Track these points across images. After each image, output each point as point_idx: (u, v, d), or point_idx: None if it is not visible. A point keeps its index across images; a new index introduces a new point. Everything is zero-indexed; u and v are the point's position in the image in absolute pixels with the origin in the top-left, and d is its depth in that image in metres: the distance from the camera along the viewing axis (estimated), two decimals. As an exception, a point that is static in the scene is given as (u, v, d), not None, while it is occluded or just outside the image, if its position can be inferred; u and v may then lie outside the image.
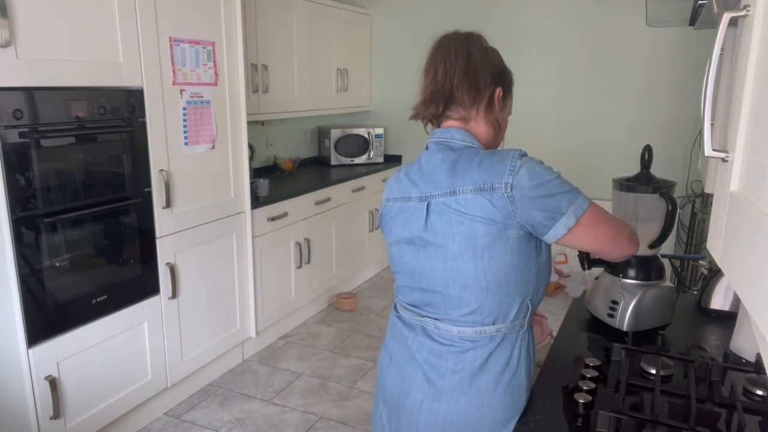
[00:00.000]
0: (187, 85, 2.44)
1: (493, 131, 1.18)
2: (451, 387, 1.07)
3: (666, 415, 1.05)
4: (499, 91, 1.16)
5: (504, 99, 1.19)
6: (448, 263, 1.05)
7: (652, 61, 3.63)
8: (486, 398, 1.06)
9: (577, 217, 1.00)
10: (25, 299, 1.87)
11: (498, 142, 1.23)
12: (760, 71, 0.53)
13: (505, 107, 1.21)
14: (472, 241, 1.02)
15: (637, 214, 1.39)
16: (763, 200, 0.47)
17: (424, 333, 1.11)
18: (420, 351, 1.11)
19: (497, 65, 1.17)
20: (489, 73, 1.14)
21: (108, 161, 2.13)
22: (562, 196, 1.00)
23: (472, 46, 1.14)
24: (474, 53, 1.13)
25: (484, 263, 1.02)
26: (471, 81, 1.12)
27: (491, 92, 1.15)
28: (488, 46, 1.17)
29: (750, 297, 0.47)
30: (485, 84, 1.14)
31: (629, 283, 1.42)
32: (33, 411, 1.94)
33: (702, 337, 1.43)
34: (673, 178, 1.42)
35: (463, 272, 1.04)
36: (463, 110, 1.14)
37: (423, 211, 1.07)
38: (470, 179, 1.03)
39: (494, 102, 1.16)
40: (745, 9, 0.58)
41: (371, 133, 4.24)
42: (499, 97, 1.17)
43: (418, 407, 1.10)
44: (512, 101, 1.24)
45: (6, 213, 1.78)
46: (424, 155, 1.16)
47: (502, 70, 1.18)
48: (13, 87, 1.77)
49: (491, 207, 1.00)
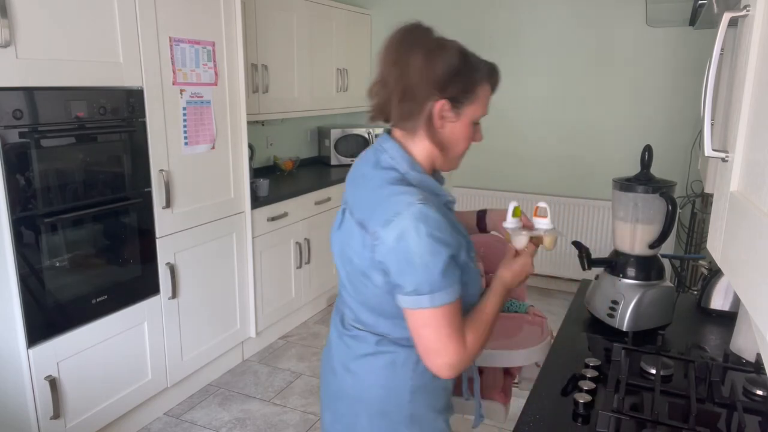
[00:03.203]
0: (187, 85, 2.44)
1: (436, 151, 1.04)
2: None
3: (666, 415, 1.05)
4: (440, 105, 0.99)
5: (457, 111, 1.01)
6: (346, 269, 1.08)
7: (652, 61, 3.63)
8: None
9: (410, 306, 0.96)
10: (25, 299, 1.87)
11: (448, 165, 1.08)
12: (760, 71, 0.53)
13: (458, 122, 1.02)
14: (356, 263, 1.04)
15: (637, 214, 1.39)
16: (763, 200, 0.47)
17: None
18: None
19: (441, 73, 0.97)
20: (427, 83, 0.97)
21: (108, 161, 2.13)
22: (412, 277, 0.93)
23: (413, 50, 0.98)
24: (413, 59, 0.97)
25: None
26: (404, 93, 0.98)
27: (431, 107, 0.99)
28: (438, 46, 0.99)
29: (750, 297, 0.47)
30: (423, 97, 0.98)
31: (629, 283, 1.42)
32: (33, 411, 1.94)
33: (702, 337, 1.43)
34: (673, 178, 1.42)
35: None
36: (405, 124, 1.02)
37: (341, 215, 1.10)
38: (362, 208, 1.01)
39: (433, 118, 1.00)
40: (745, 9, 0.58)
41: (371, 133, 4.23)
42: (441, 113, 1.00)
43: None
44: (481, 112, 1.05)
45: (6, 213, 1.78)
46: (359, 159, 1.13)
47: (447, 79, 0.98)
48: (13, 87, 1.77)
49: (361, 243, 0.99)
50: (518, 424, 1.05)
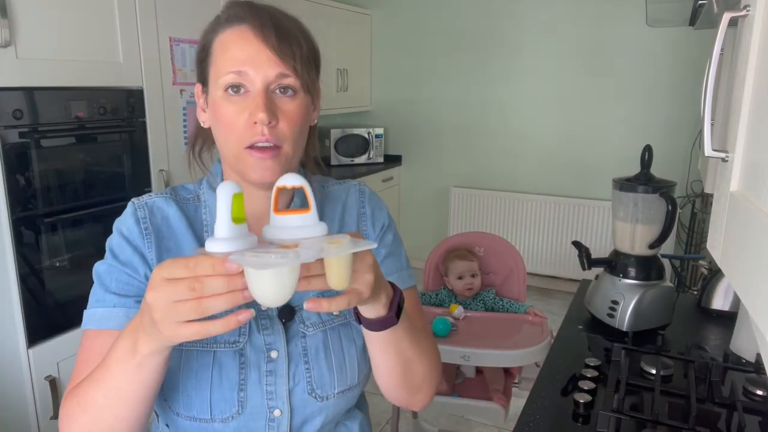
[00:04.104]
0: (187, 85, 2.44)
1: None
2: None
3: (666, 415, 1.05)
4: (198, 88, 0.81)
5: (209, 100, 0.77)
6: None
7: (652, 61, 3.63)
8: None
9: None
10: (25, 299, 1.86)
11: (230, 166, 0.79)
12: (760, 71, 0.53)
13: (215, 112, 0.75)
14: None
15: (637, 214, 1.39)
16: (763, 200, 0.47)
17: None
18: None
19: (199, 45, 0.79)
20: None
21: (108, 161, 2.13)
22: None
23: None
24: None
25: None
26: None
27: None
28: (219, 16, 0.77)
29: (750, 297, 0.47)
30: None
31: (629, 283, 1.42)
32: (33, 411, 1.94)
33: (702, 337, 1.43)
34: (673, 178, 1.42)
35: None
36: None
37: None
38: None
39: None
40: (745, 9, 0.58)
41: (371, 133, 4.23)
42: (199, 97, 0.81)
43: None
44: (225, 106, 0.73)
45: (6, 213, 1.78)
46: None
47: (198, 53, 0.79)
48: (13, 87, 1.77)
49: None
50: (518, 424, 1.05)
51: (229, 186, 0.57)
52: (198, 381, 0.77)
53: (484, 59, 4.04)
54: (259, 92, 0.72)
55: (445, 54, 4.15)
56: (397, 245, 0.92)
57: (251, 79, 0.72)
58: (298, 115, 0.75)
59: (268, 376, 0.78)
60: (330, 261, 0.58)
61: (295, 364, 0.80)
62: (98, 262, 0.82)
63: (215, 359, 0.77)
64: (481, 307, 2.17)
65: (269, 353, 0.79)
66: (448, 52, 4.14)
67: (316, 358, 0.81)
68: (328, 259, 0.58)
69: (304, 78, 0.74)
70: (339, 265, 0.58)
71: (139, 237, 0.80)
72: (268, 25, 0.73)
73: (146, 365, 0.63)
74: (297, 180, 0.61)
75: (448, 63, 4.16)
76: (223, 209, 0.56)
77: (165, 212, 0.82)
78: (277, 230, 0.60)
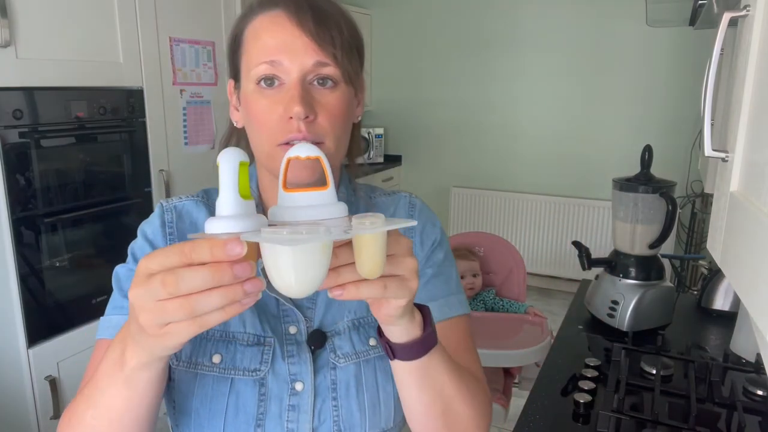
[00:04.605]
0: (187, 85, 2.44)
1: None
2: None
3: (666, 415, 1.05)
4: (230, 85, 0.74)
5: (241, 95, 0.70)
6: None
7: (652, 61, 3.63)
8: None
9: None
10: (25, 299, 1.86)
11: (264, 167, 0.72)
12: (760, 71, 0.53)
13: (247, 108, 0.68)
14: None
15: (637, 214, 1.39)
16: (763, 200, 0.47)
17: None
18: None
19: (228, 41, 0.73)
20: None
21: (108, 161, 2.13)
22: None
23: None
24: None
25: None
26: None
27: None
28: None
29: (750, 297, 0.47)
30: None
31: (629, 283, 1.42)
32: (33, 411, 1.94)
33: (702, 337, 1.43)
34: (673, 178, 1.42)
35: None
36: None
37: None
38: None
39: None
40: (745, 9, 0.58)
41: (371, 133, 4.23)
42: (231, 94, 0.74)
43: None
44: (257, 100, 0.66)
45: (6, 213, 1.78)
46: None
47: (229, 45, 0.73)
48: (13, 87, 1.77)
49: None
50: (518, 424, 1.05)
51: (234, 153, 0.46)
52: (212, 410, 0.69)
53: (484, 59, 4.04)
54: (295, 83, 0.64)
55: (445, 54, 4.15)
56: (447, 266, 0.80)
57: (286, 69, 0.64)
58: (339, 109, 0.66)
59: (290, 411, 0.69)
60: (362, 243, 0.47)
61: (322, 400, 0.70)
62: (119, 265, 0.75)
63: (232, 387, 0.69)
64: (481, 307, 2.17)
65: (294, 385, 0.70)
66: (448, 52, 4.14)
67: (346, 394, 0.71)
68: (360, 240, 0.46)
69: (345, 67, 0.66)
70: (375, 245, 0.47)
71: (163, 241, 0.74)
72: (304, 9, 0.65)
73: (135, 380, 0.54)
74: (312, 150, 0.51)
75: (448, 63, 4.16)
76: (228, 181, 0.45)
77: (194, 217, 0.75)
78: (287, 210, 0.49)
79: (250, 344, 0.70)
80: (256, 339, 0.70)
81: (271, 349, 0.70)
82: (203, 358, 0.69)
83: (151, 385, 0.56)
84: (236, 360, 0.68)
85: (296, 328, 0.71)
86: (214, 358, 0.69)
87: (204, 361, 0.69)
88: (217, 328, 0.69)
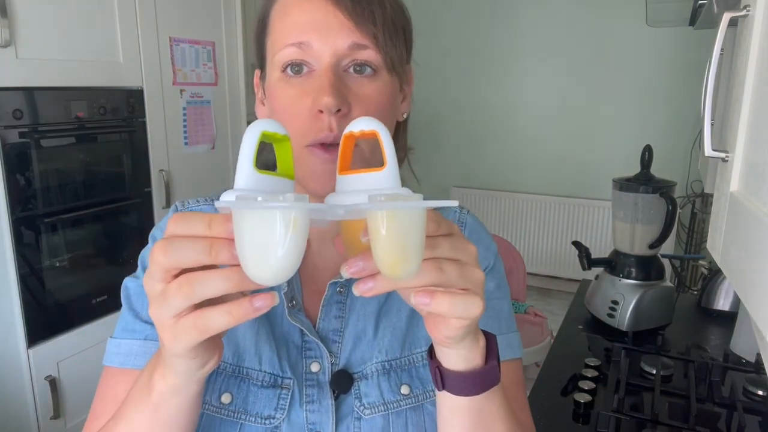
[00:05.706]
0: (187, 85, 2.44)
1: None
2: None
3: (666, 415, 1.05)
4: (256, 75, 0.65)
5: (266, 87, 0.60)
6: None
7: (652, 61, 3.63)
8: None
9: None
10: (25, 299, 1.86)
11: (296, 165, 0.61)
12: (760, 71, 0.53)
13: (272, 100, 0.58)
14: None
15: (637, 214, 1.39)
16: (763, 200, 0.47)
17: None
18: None
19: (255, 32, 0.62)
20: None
21: (108, 161, 2.13)
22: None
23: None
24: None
25: None
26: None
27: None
28: None
29: (750, 297, 0.47)
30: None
31: (629, 283, 1.42)
32: (33, 411, 1.94)
33: (702, 337, 1.43)
34: (673, 178, 1.42)
35: None
36: None
37: None
38: None
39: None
40: (745, 9, 0.58)
41: (371, 133, 4.23)
42: (258, 86, 0.64)
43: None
44: (283, 89, 0.56)
45: (6, 213, 1.78)
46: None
47: (256, 28, 0.62)
48: (13, 87, 1.77)
49: None
50: (518, 424, 1.05)
51: (258, 124, 0.40)
52: None
53: (484, 59, 4.04)
54: (326, 69, 0.53)
55: (445, 54, 4.15)
56: (500, 298, 0.67)
57: (316, 54, 0.53)
58: (379, 102, 0.55)
59: None
60: (376, 221, 0.35)
61: None
62: (128, 278, 0.64)
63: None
64: (481, 307, 2.17)
65: None
66: (448, 52, 4.14)
67: None
68: (375, 218, 0.35)
69: (387, 50, 0.55)
70: (399, 228, 0.35)
71: None
72: None
73: (164, 408, 0.46)
74: (370, 124, 0.42)
75: (448, 63, 4.16)
76: (244, 152, 0.40)
77: None
78: (343, 196, 0.42)
79: (266, 385, 0.60)
80: (272, 380, 0.60)
81: (289, 392, 0.60)
82: (211, 396, 0.59)
83: (182, 414, 0.48)
84: (248, 403, 0.59)
85: (319, 366, 0.61)
86: (223, 397, 0.59)
87: (212, 400, 0.59)
88: (230, 362, 0.60)
